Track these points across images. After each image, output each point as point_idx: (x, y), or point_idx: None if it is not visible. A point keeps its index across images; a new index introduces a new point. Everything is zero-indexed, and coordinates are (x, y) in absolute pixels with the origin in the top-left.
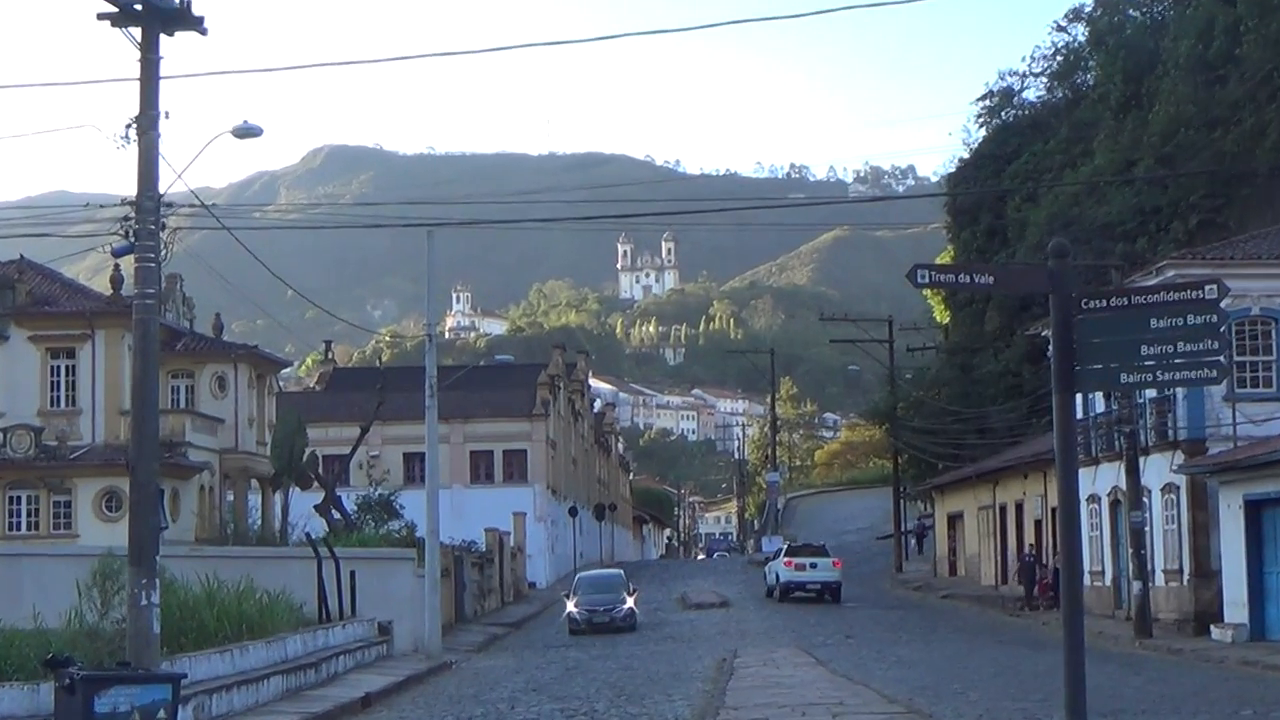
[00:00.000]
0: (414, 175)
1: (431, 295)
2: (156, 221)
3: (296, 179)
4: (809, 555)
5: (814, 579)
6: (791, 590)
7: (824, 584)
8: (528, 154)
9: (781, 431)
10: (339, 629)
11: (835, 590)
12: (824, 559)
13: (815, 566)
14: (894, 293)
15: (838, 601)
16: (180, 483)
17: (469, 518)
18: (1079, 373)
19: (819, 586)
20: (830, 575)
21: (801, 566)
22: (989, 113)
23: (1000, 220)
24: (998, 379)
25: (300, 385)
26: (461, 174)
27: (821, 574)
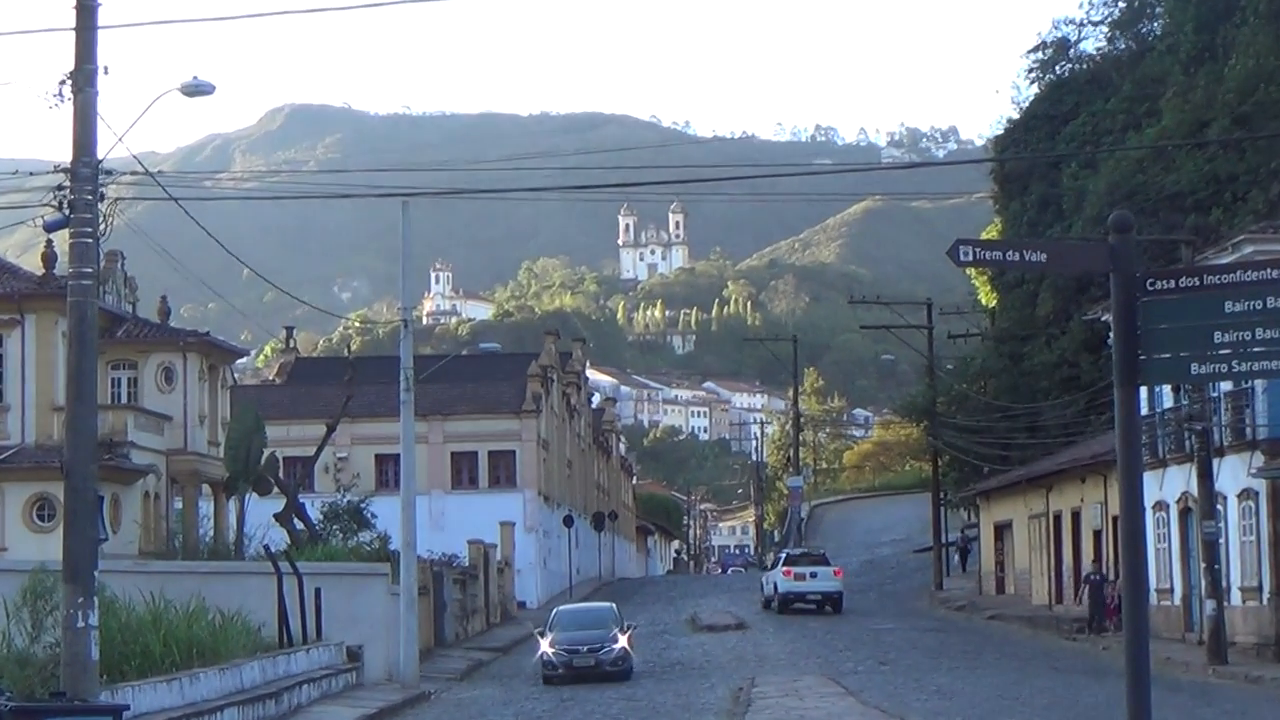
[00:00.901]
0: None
1: (407, 275)
2: (94, 191)
3: (253, 143)
4: (809, 564)
5: (815, 589)
6: (791, 601)
7: (825, 594)
8: (516, 114)
9: (805, 430)
10: (302, 654)
11: (837, 601)
12: (825, 568)
13: (816, 576)
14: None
15: (839, 612)
16: (122, 488)
17: (450, 528)
18: (1144, 363)
19: (820, 597)
20: (831, 585)
21: (801, 576)
22: (1041, 67)
23: (1054, 189)
24: (1051, 370)
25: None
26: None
27: (822, 584)
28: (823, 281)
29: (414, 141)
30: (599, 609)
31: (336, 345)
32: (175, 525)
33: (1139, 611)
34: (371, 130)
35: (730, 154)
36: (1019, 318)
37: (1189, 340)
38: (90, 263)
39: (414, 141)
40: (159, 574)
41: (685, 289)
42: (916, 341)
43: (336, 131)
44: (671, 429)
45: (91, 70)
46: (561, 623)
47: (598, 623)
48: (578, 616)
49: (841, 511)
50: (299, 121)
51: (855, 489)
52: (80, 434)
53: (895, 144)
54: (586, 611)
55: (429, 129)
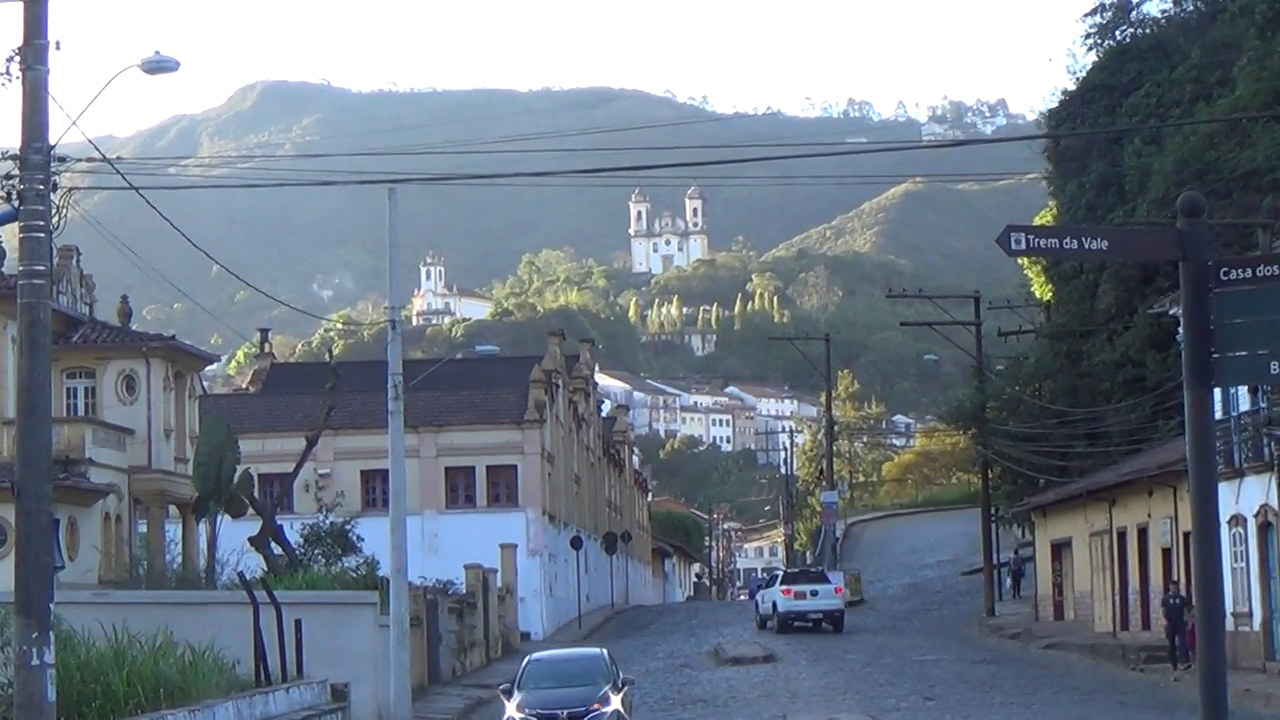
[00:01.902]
0: (371, 118)
1: (395, 270)
2: (46, 180)
3: (222, 124)
4: (809, 582)
5: (815, 607)
6: (791, 620)
7: (826, 612)
8: (515, 90)
9: (840, 439)
10: (282, 694)
11: (837, 619)
12: (825, 585)
13: (816, 594)
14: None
15: (839, 630)
16: (79, 510)
17: (445, 552)
18: (1218, 362)
19: (820, 615)
20: (832, 603)
21: (801, 594)
22: (1100, 32)
23: (1115, 169)
24: (1114, 370)
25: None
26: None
27: (823, 602)
28: (858, 273)
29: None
30: (584, 657)
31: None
32: (139, 551)
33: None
34: (353, 110)
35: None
36: (1077, 312)
37: (1267, 335)
38: (42, 260)
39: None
40: (122, 605)
41: (704, 283)
42: (963, 339)
43: (314, 111)
44: (690, 439)
45: (42, 45)
46: (534, 677)
47: (582, 676)
48: (556, 668)
49: (881, 529)
50: (273, 100)
51: (896, 504)
52: (32, 451)
53: (937, 119)
54: (568, 661)
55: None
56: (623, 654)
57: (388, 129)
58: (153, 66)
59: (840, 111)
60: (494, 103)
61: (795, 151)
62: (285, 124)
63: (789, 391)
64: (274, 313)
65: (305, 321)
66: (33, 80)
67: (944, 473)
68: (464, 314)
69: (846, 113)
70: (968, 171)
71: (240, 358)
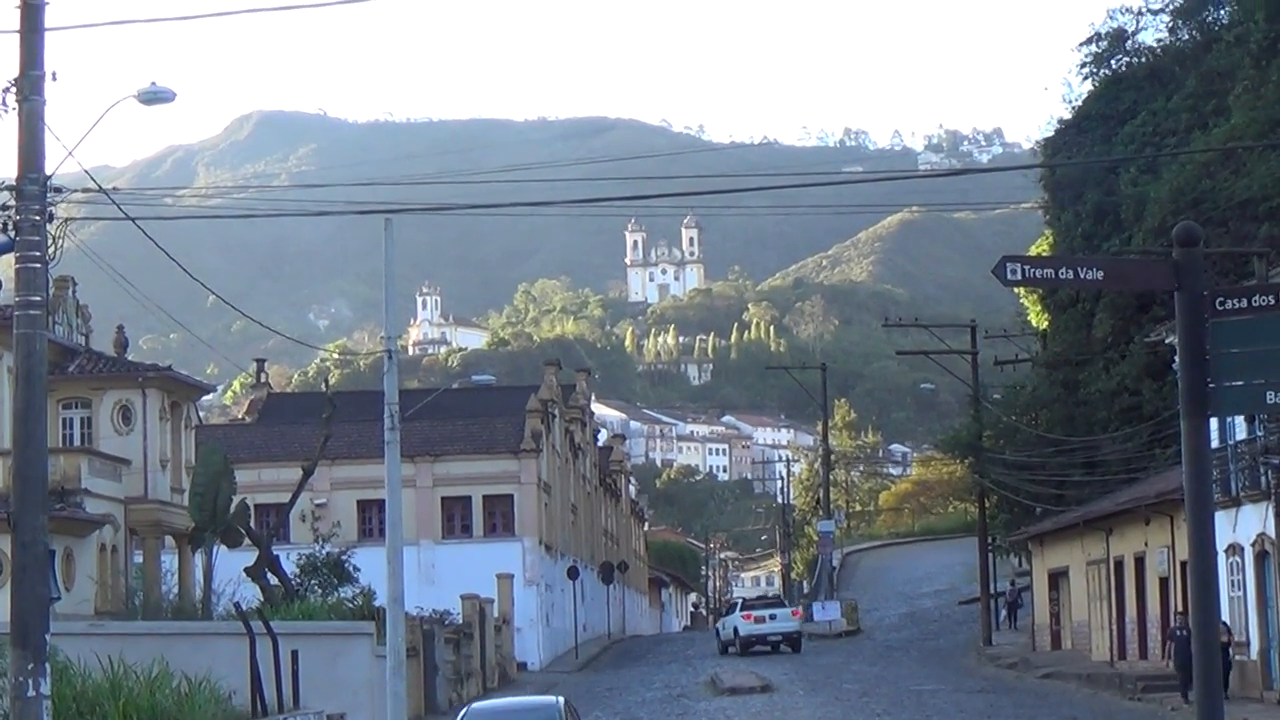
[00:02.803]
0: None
1: (391, 300)
2: (42, 210)
3: (218, 155)
4: (767, 607)
5: (774, 630)
6: (752, 643)
7: (784, 634)
8: (511, 120)
9: (836, 468)
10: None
11: (795, 641)
12: (782, 610)
13: (774, 618)
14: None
15: (797, 651)
16: (75, 541)
17: (441, 582)
18: (1214, 391)
19: (779, 637)
20: (790, 625)
21: (760, 619)
22: (1095, 61)
23: (1111, 197)
24: (1110, 399)
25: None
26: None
27: (781, 625)
28: (854, 303)
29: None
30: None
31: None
32: (135, 582)
33: (1210, 668)
34: (350, 140)
35: (750, 162)
36: (1073, 341)
37: (1264, 365)
38: (38, 290)
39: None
40: (117, 636)
41: (701, 312)
42: (959, 368)
43: (310, 141)
44: (687, 468)
45: (38, 76)
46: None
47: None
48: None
49: (878, 559)
50: (269, 131)
51: (893, 534)
52: (29, 481)
53: (933, 149)
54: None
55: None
56: (619, 684)
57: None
58: (149, 97)
59: (836, 140)
60: (490, 133)
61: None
62: (281, 154)
63: (785, 420)
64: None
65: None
66: (29, 111)
67: (941, 502)
68: (460, 344)
69: (842, 142)
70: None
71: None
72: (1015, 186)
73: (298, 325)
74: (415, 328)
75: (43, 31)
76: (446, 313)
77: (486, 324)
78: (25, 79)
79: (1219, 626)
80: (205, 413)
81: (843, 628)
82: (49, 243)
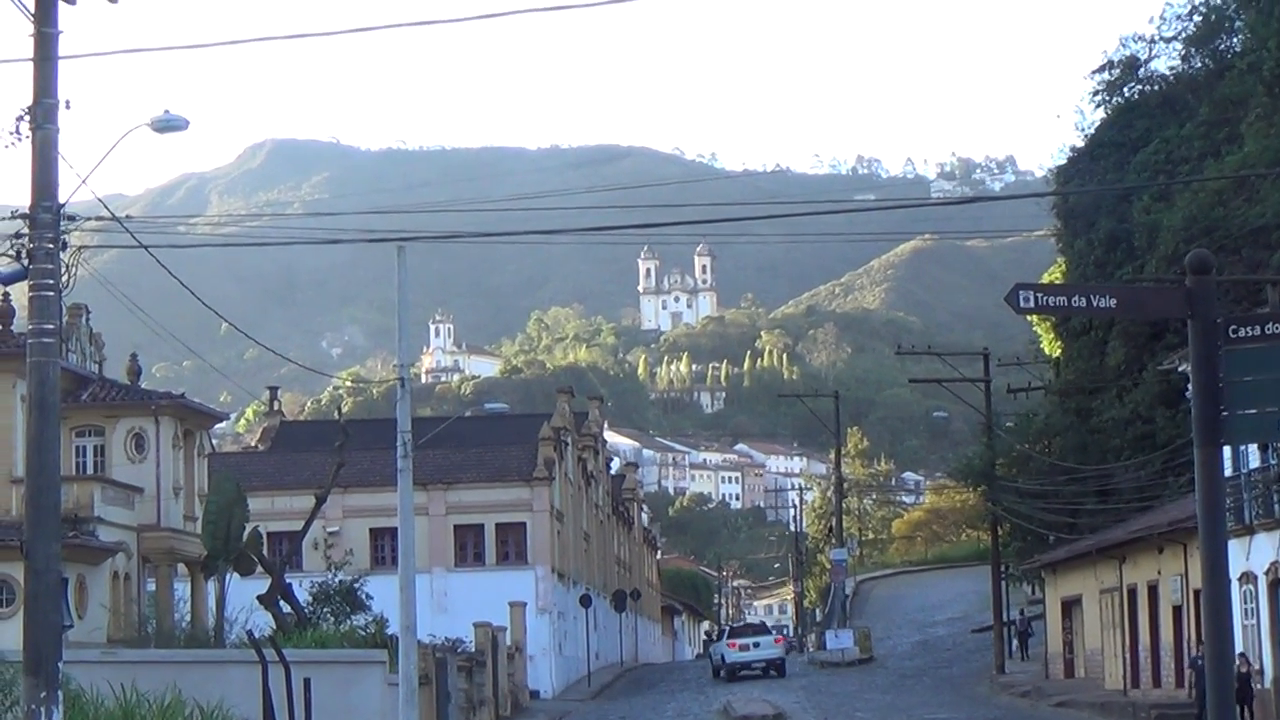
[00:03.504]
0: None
1: (404, 328)
2: (56, 239)
3: (231, 182)
4: (751, 635)
5: (758, 657)
6: (737, 670)
7: (768, 661)
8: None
9: (849, 496)
10: None
11: (779, 666)
12: (766, 637)
13: (758, 645)
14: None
15: (783, 675)
16: (88, 569)
17: (454, 610)
18: (1227, 419)
19: (763, 664)
20: (773, 652)
21: (745, 647)
22: (1108, 89)
23: (1124, 225)
24: (1123, 427)
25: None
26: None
27: (764, 652)
28: (867, 330)
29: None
30: None
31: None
32: (148, 609)
33: (1225, 697)
34: (362, 167)
35: (762, 189)
36: (1086, 369)
37: (1277, 393)
38: (52, 318)
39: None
40: (130, 664)
41: (713, 340)
42: (972, 396)
43: (323, 169)
44: (700, 497)
45: (52, 105)
46: None
47: None
48: None
49: (891, 587)
50: (282, 158)
51: (906, 562)
52: (42, 509)
53: (946, 176)
54: None
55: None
56: (632, 712)
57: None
58: (162, 125)
59: (849, 168)
60: (502, 160)
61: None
62: (294, 182)
63: (798, 448)
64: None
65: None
66: (42, 139)
67: (953, 530)
68: (473, 371)
69: (855, 170)
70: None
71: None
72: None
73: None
74: (428, 355)
75: (56, 60)
76: (459, 340)
77: (499, 352)
78: (38, 107)
79: (1238, 657)
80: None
81: (856, 656)
82: (62, 271)
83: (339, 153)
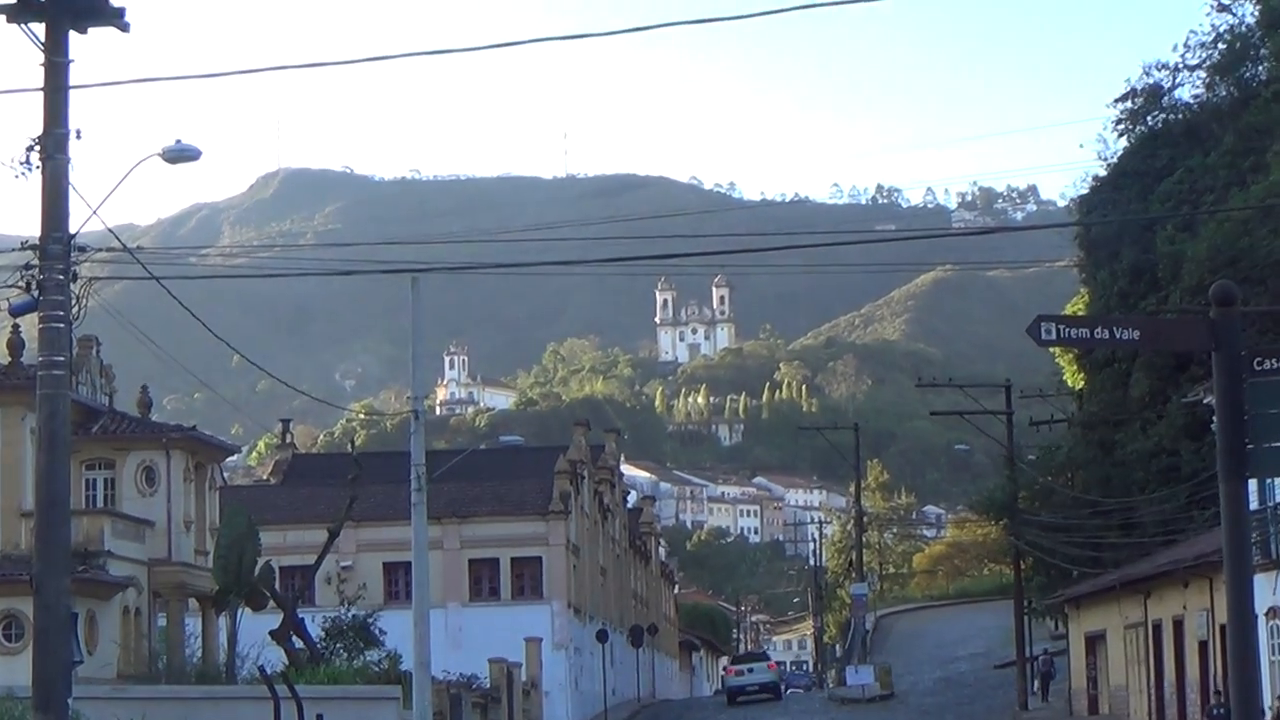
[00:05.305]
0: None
1: (418, 360)
2: (66, 270)
3: (244, 213)
4: (748, 662)
5: (753, 681)
6: (736, 695)
7: (762, 685)
8: (539, 177)
9: (869, 530)
10: None
11: (774, 689)
12: (759, 664)
13: (752, 671)
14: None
15: (779, 698)
16: (98, 604)
17: (469, 645)
18: (1253, 453)
19: (757, 687)
20: (767, 677)
21: (741, 672)
22: (1131, 117)
23: (1148, 255)
24: (1148, 460)
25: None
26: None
27: (759, 676)
28: (887, 362)
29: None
30: None
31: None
32: (158, 645)
33: None
34: (376, 197)
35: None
36: (1110, 401)
37: None
38: (62, 350)
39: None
40: (141, 700)
41: (732, 372)
42: (994, 429)
43: (337, 199)
44: (718, 530)
45: (62, 135)
46: None
47: None
48: None
49: (912, 622)
50: (294, 188)
51: (927, 596)
52: (51, 543)
53: (967, 206)
54: None
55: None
56: None
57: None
58: (174, 155)
59: (869, 198)
60: (518, 190)
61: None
62: (307, 212)
63: (817, 482)
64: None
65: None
66: (52, 170)
67: (975, 564)
68: (488, 404)
69: (875, 199)
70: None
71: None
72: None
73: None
74: (442, 388)
75: (67, 90)
76: (474, 372)
77: (515, 384)
78: (49, 137)
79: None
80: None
81: (876, 692)
82: (73, 302)
83: (352, 182)
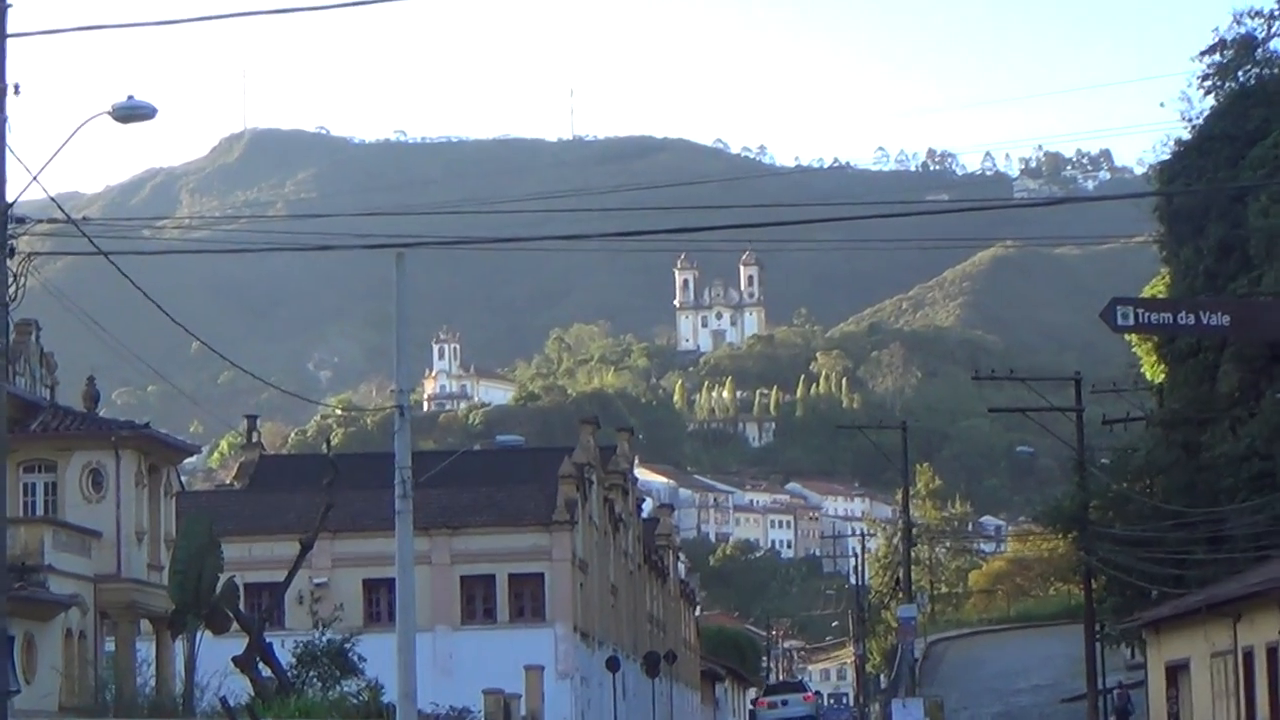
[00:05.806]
0: (376, 172)
1: (403, 348)
2: (3, 244)
3: (205, 179)
4: (780, 693)
5: (787, 715)
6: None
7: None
8: (542, 139)
9: (919, 544)
10: None
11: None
12: (794, 695)
13: (786, 703)
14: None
15: None
16: (37, 625)
17: (460, 674)
18: None
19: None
20: (802, 710)
21: (773, 704)
22: (1220, 73)
23: (1238, 230)
24: (1238, 464)
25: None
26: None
27: (793, 710)
28: (939, 352)
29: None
30: None
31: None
32: (106, 672)
33: None
34: (356, 162)
35: (818, 189)
36: (1194, 396)
37: None
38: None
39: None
40: None
41: (761, 363)
42: (1061, 428)
43: (310, 164)
44: (745, 544)
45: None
46: None
47: None
48: None
49: (967, 649)
50: (262, 152)
51: (984, 620)
52: None
53: (1031, 174)
54: None
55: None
56: None
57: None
58: (125, 113)
59: (919, 164)
60: (516, 154)
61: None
62: (277, 179)
63: (859, 489)
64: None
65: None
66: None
67: (1040, 583)
68: (483, 398)
69: (926, 166)
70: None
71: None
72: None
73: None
74: (431, 380)
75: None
76: (467, 363)
77: (513, 376)
78: None
79: None
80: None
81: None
82: (10, 281)
83: (328, 145)
